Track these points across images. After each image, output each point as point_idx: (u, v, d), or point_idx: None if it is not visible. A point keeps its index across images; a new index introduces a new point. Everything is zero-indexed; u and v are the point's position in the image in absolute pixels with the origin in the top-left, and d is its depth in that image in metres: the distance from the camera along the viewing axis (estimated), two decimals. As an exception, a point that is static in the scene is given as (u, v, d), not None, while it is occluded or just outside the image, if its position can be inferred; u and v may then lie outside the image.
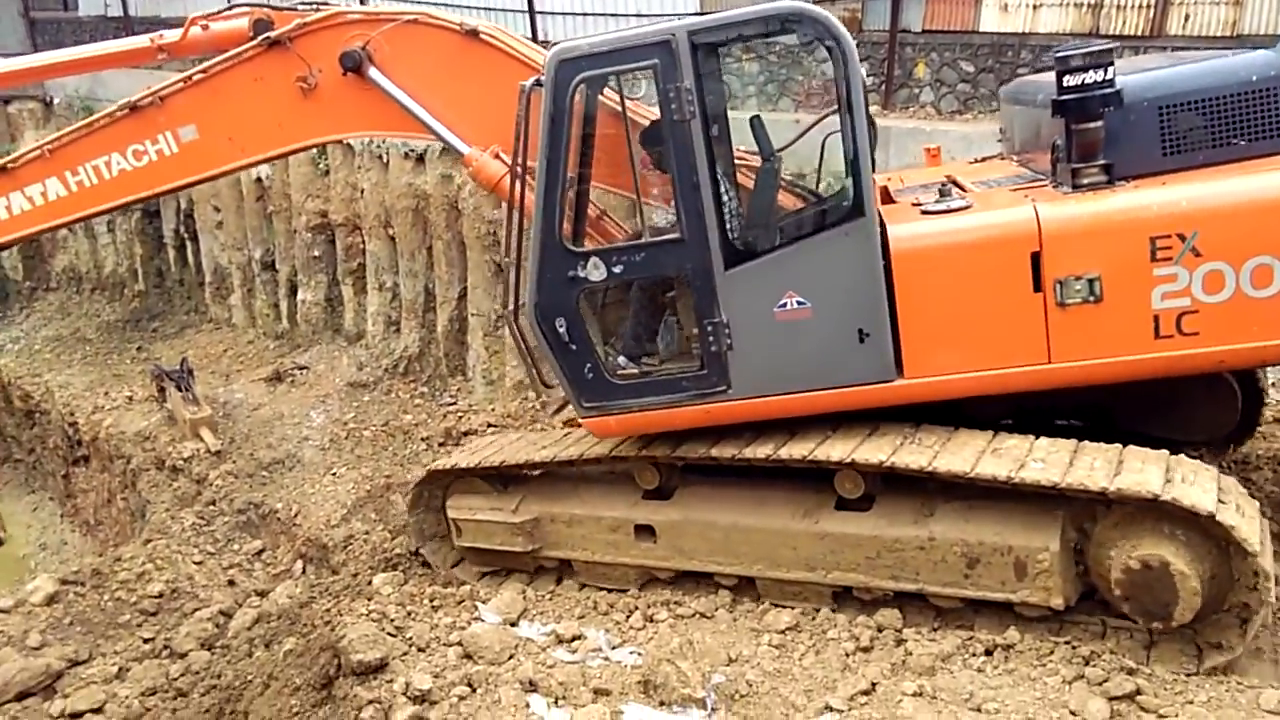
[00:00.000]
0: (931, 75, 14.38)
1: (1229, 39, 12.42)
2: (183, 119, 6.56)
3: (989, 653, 4.97)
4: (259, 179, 14.47)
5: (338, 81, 6.41)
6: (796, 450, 5.23)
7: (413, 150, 14.12)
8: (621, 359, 5.61)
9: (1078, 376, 5.08)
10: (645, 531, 5.92)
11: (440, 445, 12.02)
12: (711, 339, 5.28)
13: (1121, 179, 5.10)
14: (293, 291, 14.70)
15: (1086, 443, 5.02)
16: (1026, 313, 5.03)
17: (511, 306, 5.60)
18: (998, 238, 5.03)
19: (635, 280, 5.47)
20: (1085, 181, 5.11)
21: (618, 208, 7.22)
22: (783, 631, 5.40)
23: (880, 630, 5.28)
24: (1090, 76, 4.98)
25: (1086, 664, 4.75)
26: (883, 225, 5.12)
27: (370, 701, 4.99)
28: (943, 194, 5.27)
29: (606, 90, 5.69)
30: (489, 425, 11.96)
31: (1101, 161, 5.11)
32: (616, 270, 5.35)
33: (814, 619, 5.48)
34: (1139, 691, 4.52)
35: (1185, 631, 4.81)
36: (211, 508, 10.58)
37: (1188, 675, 4.66)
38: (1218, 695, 4.53)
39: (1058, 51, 5.14)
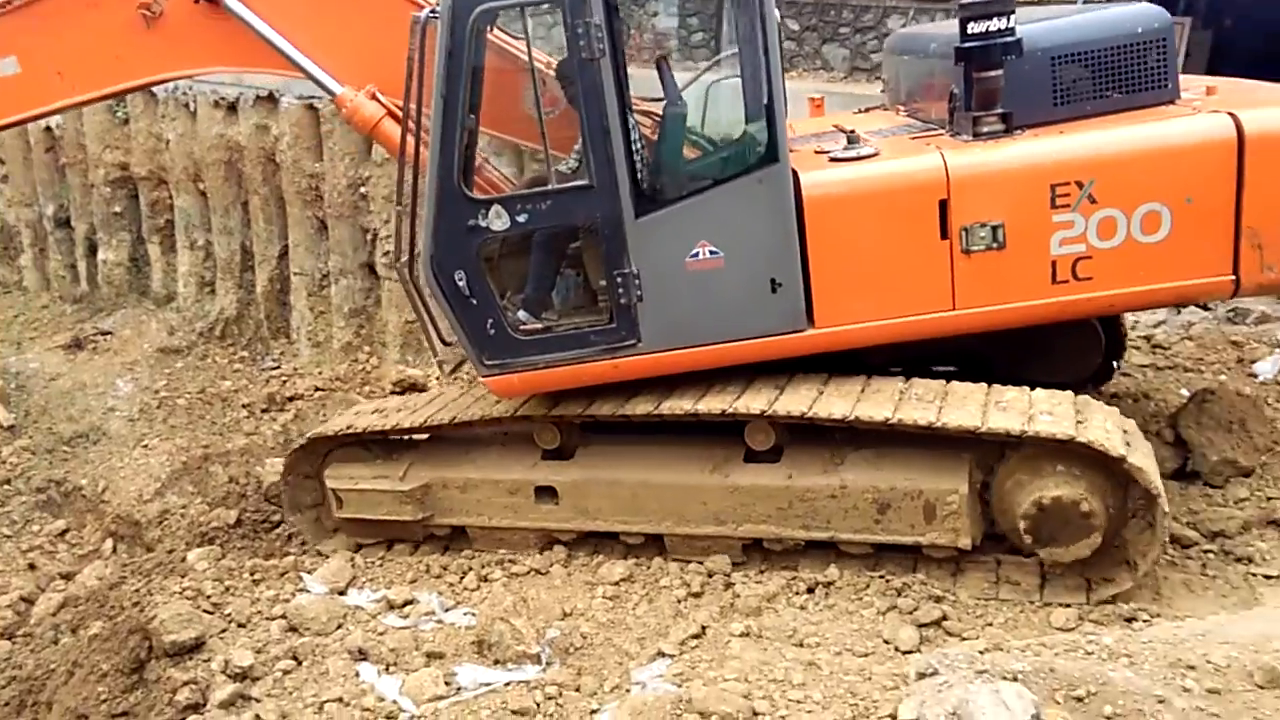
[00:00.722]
0: (758, 32, 14.62)
1: (1034, 3, 13.17)
2: (1, 49, 5.84)
3: (811, 590, 5.21)
4: (49, 128, 13.28)
5: (188, 10, 5.85)
6: (788, 405, 5.14)
7: (223, 98, 13.27)
8: (522, 314, 5.40)
9: (980, 322, 5.24)
10: (546, 493, 5.76)
11: (263, 412, 11.54)
12: (621, 290, 5.15)
13: (1018, 128, 5.26)
14: (92, 251, 13.65)
15: (1084, 397, 5.12)
16: (933, 260, 5.14)
17: (405, 259, 5.29)
18: (908, 185, 5.10)
19: (539, 229, 5.25)
20: (985, 130, 5.25)
21: (500, 155, 6.95)
22: (617, 583, 5.45)
23: (711, 575, 5.40)
24: (994, 25, 5.09)
25: (899, 595, 5.06)
26: (794, 173, 5.10)
27: (186, 683, 4.83)
28: (851, 141, 5.30)
29: (494, 28, 5.42)
30: (316, 389, 11.57)
31: (1000, 110, 5.25)
32: (521, 219, 5.13)
33: (647, 569, 5.55)
34: (945, 617, 4.89)
35: (986, 560, 5.18)
36: (6, 487, 9.93)
37: (988, 599, 5.02)
38: (1014, 616, 4.92)
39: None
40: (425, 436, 6.21)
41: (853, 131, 5.38)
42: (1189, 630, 3.73)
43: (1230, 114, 4.98)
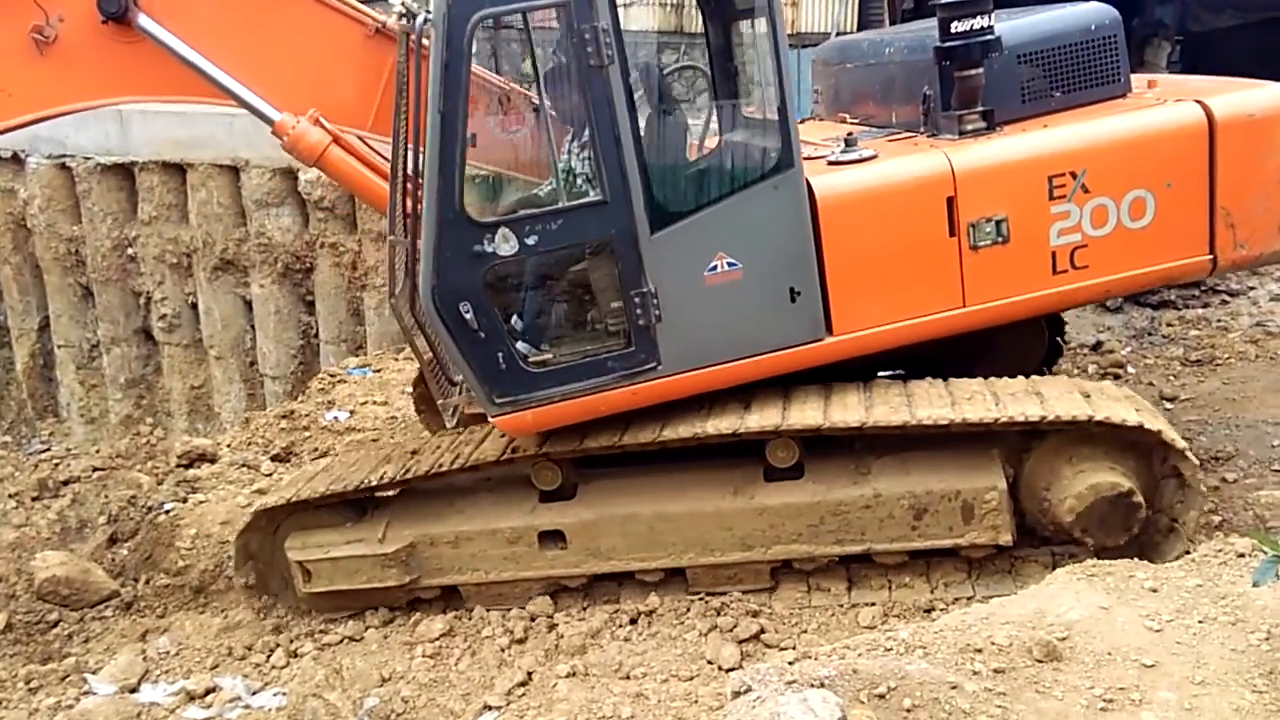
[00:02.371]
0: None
1: (790, 35, 13.92)
2: None
3: (634, 621, 5.27)
4: None
5: (91, 32, 5.15)
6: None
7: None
8: (521, 345, 5.02)
9: (988, 317, 5.31)
10: (552, 538, 5.38)
11: (35, 500, 10.30)
12: (639, 311, 4.89)
13: (999, 125, 5.39)
14: None
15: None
16: (943, 258, 5.16)
17: (400, 291, 4.82)
18: (918, 183, 5.11)
19: (549, 252, 4.92)
20: (969, 128, 5.34)
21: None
22: (436, 640, 5.32)
23: (533, 619, 5.36)
24: (976, 23, 5.20)
25: (718, 615, 5.16)
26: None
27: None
28: (849, 145, 5.27)
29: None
30: (95, 470, 10.39)
31: (981, 108, 5.36)
32: (530, 241, 4.78)
33: (467, 621, 5.43)
34: (763, 631, 5.03)
35: (800, 571, 5.30)
36: None
37: (801, 608, 5.18)
38: (826, 621, 5.13)
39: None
40: (395, 492, 5.67)
41: (850, 134, 5.35)
42: (975, 615, 3.92)
43: (1199, 102, 5.27)
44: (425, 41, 4.66)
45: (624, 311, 4.91)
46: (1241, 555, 4.10)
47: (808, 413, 5.05)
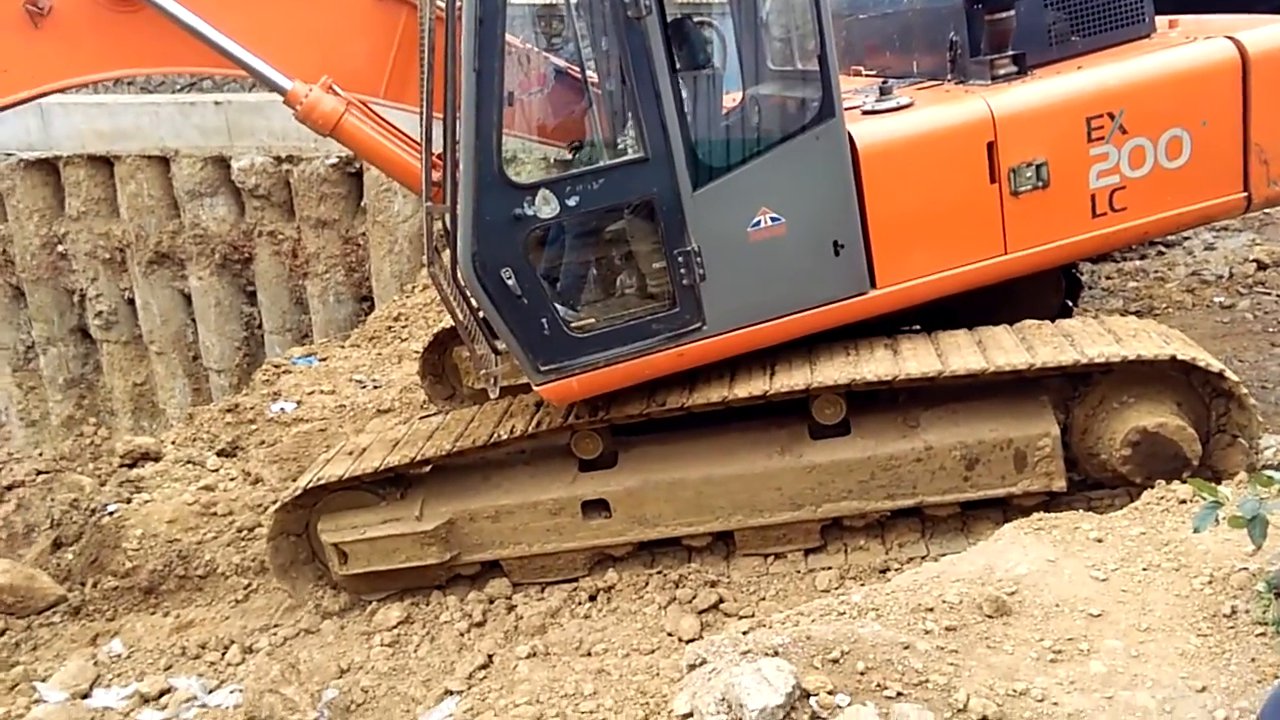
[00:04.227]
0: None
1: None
2: None
3: (593, 598, 5.31)
4: None
5: (88, 2, 4.96)
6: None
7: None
8: (564, 310, 4.94)
9: (1030, 264, 5.31)
10: (595, 507, 5.32)
11: None
12: (683, 271, 4.83)
13: (1029, 69, 5.37)
14: None
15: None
16: (985, 205, 5.16)
17: (435, 258, 4.72)
18: (958, 130, 5.09)
19: (591, 212, 4.83)
20: (1001, 73, 5.33)
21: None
22: (394, 628, 5.34)
23: (492, 602, 5.40)
24: (1007, -34, 5.18)
25: (677, 587, 5.22)
26: (843, 128, 4.96)
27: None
28: (884, 93, 5.23)
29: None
30: (39, 473, 10.14)
31: (1012, 52, 5.34)
32: (571, 203, 4.70)
33: (424, 607, 5.45)
34: (721, 600, 5.08)
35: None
36: None
37: (759, 575, 5.22)
38: (783, 587, 5.17)
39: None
40: (428, 469, 5.58)
41: (885, 82, 5.30)
42: (926, 574, 3.97)
43: (1230, 38, 5.28)
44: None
45: (668, 272, 4.85)
46: (1183, 502, 4.18)
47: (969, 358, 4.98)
